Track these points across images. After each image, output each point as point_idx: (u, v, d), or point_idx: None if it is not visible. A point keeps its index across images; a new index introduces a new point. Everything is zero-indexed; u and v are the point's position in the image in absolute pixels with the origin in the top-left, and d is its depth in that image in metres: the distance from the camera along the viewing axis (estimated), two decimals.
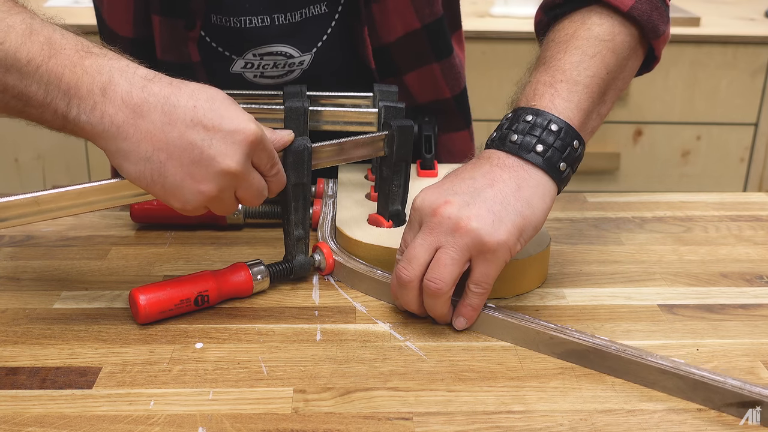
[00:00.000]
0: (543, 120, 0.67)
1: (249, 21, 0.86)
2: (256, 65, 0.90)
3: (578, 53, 0.71)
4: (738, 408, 0.57)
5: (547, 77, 0.71)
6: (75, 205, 0.64)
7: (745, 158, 2.10)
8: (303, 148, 0.71)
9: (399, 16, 0.90)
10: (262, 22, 0.87)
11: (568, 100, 0.69)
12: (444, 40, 0.95)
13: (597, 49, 0.72)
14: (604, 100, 0.73)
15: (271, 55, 0.89)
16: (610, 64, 0.72)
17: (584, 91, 0.70)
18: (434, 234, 0.64)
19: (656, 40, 0.76)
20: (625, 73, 0.76)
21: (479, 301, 0.66)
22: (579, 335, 0.63)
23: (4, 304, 0.71)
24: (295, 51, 0.89)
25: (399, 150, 0.77)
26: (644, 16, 0.73)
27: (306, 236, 0.74)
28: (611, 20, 0.73)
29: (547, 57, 0.73)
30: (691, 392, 0.59)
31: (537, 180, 0.66)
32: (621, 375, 0.61)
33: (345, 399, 0.58)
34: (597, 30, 0.73)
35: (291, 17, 0.87)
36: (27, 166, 2.04)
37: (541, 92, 0.70)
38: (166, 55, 0.88)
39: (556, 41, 0.74)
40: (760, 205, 0.96)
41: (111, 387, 0.59)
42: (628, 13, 0.73)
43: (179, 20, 0.86)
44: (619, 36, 0.73)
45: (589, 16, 0.74)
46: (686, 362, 0.60)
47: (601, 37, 0.72)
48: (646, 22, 0.74)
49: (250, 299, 0.72)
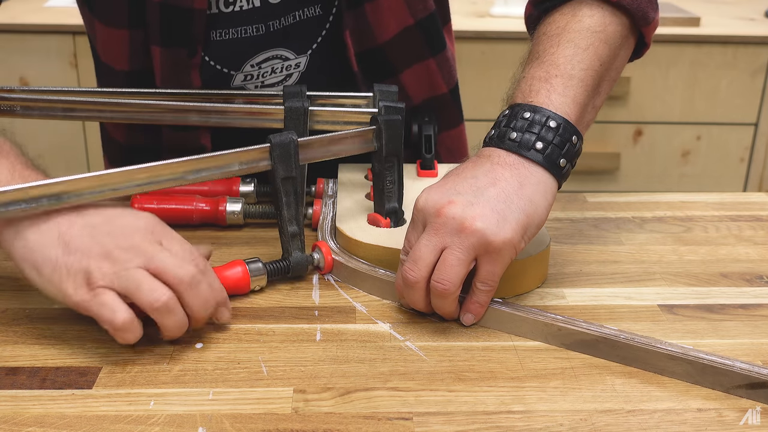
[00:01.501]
0: (541, 117, 0.67)
1: (245, 31, 0.87)
2: (256, 75, 0.90)
3: (571, 46, 0.71)
4: (747, 390, 0.59)
5: (542, 72, 0.70)
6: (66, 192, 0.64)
7: (745, 158, 2.10)
8: (289, 141, 0.71)
9: (392, 14, 0.90)
10: (257, 31, 0.87)
11: (563, 95, 0.69)
12: (438, 34, 0.95)
13: (589, 41, 0.72)
14: (598, 91, 0.73)
15: (268, 61, 0.89)
16: (603, 55, 0.72)
17: (579, 84, 0.70)
18: (439, 234, 0.64)
19: (646, 27, 0.76)
20: (617, 63, 0.76)
21: (486, 298, 0.67)
22: (587, 325, 0.64)
23: (4, 304, 0.71)
24: (290, 53, 0.89)
25: (388, 144, 0.78)
26: (634, 4, 0.73)
27: (301, 232, 0.74)
28: (602, 11, 0.73)
29: (540, 51, 0.73)
30: (699, 376, 0.60)
31: (538, 177, 0.66)
32: (630, 363, 0.62)
33: (345, 399, 0.58)
34: (588, 21, 0.73)
35: (285, 20, 0.88)
36: None
37: (537, 88, 0.70)
38: (166, 85, 0.88)
39: (548, 34, 0.74)
40: (760, 205, 0.96)
41: (111, 387, 0.59)
42: (618, 3, 0.73)
43: (181, 49, 0.86)
44: (610, 26, 0.73)
45: (579, 7, 0.74)
46: (694, 347, 0.62)
47: (593, 29, 0.72)
48: (636, 11, 0.74)
49: (250, 299, 0.72)
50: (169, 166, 0.68)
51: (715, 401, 0.59)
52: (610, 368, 0.63)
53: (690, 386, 0.61)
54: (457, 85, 1.01)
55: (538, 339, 0.66)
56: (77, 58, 1.97)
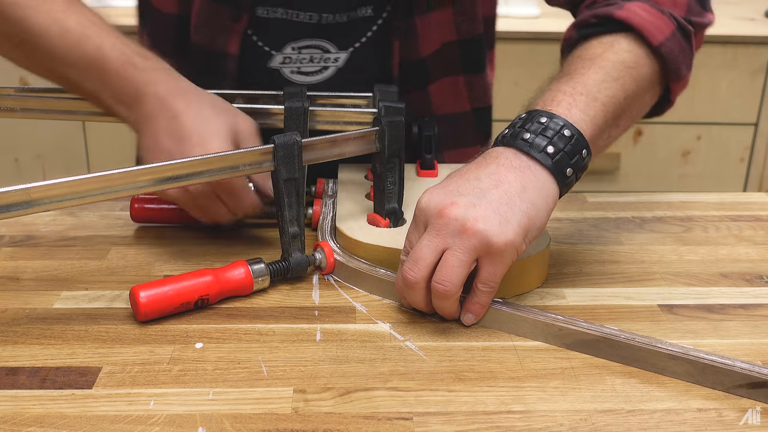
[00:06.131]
0: (556, 124, 0.68)
1: (296, 15, 0.88)
2: (294, 59, 0.90)
3: (602, 72, 0.72)
4: (747, 389, 0.59)
5: (568, 87, 0.71)
6: (66, 195, 0.65)
7: (745, 158, 2.10)
8: (293, 142, 0.71)
9: (440, 29, 0.92)
10: (310, 18, 0.88)
11: (584, 112, 0.70)
12: (478, 57, 0.97)
13: (621, 73, 0.73)
14: (617, 123, 0.74)
15: (309, 49, 0.89)
16: (630, 90, 0.73)
17: (601, 108, 0.71)
18: (441, 235, 0.64)
19: (676, 82, 0.77)
20: (640, 104, 0.77)
21: (487, 299, 0.67)
22: (588, 325, 0.64)
23: (4, 304, 0.71)
24: (332, 46, 0.90)
25: (391, 145, 0.78)
26: (671, 54, 0.75)
27: (301, 233, 0.74)
28: (639, 50, 0.75)
29: (571, 70, 0.74)
30: (700, 376, 0.60)
31: (542, 182, 0.67)
32: (631, 363, 0.63)
33: (345, 399, 0.58)
34: (624, 56, 0.74)
35: (339, 17, 0.88)
36: (27, 166, 2.04)
37: (559, 99, 0.70)
38: (198, 38, 0.89)
39: (582, 57, 0.75)
40: (760, 205, 0.96)
41: (111, 387, 0.59)
42: (657, 48, 0.74)
43: (224, 7, 0.86)
44: (643, 67, 0.74)
45: (618, 40, 0.75)
46: (694, 347, 0.62)
47: (627, 63, 0.74)
48: (671, 62, 0.75)
49: (250, 299, 0.72)
50: (171, 167, 0.68)
51: (715, 401, 0.59)
52: (610, 368, 0.63)
53: (690, 386, 0.61)
54: (485, 110, 1.02)
55: (538, 339, 0.66)
56: None
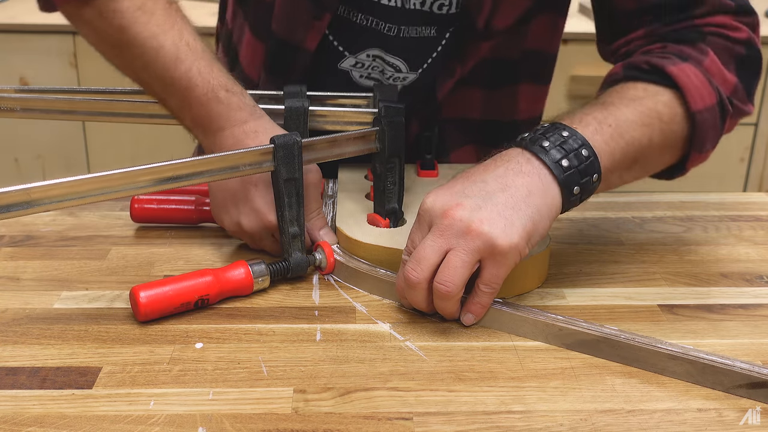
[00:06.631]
0: (576, 142, 0.68)
1: (376, 23, 0.88)
2: (366, 65, 0.91)
3: (635, 114, 0.73)
4: (747, 389, 0.59)
5: (599, 115, 0.72)
6: (66, 196, 0.65)
7: (745, 158, 2.10)
8: (293, 143, 0.71)
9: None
10: (389, 30, 0.88)
11: (607, 143, 0.70)
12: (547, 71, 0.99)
13: (652, 121, 0.73)
14: (631, 167, 0.74)
15: (383, 62, 0.90)
16: (655, 141, 0.74)
17: (623, 146, 0.71)
18: (445, 236, 0.64)
19: (697, 153, 0.77)
20: (658, 159, 0.77)
21: (488, 300, 0.67)
22: (588, 325, 0.64)
23: (4, 304, 0.71)
24: (404, 65, 0.91)
25: (391, 145, 0.78)
26: (704, 124, 0.75)
27: (301, 233, 0.74)
28: (677, 109, 0.75)
29: (607, 102, 0.74)
30: (700, 376, 0.60)
31: (549, 191, 0.67)
32: (631, 363, 0.63)
33: (345, 399, 0.58)
34: (661, 108, 0.74)
35: (414, 31, 0.89)
36: (27, 166, 2.04)
37: (587, 122, 0.71)
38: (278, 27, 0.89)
39: (622, 95, 0.75)
40: (760, 205, 0.96)
41: (111, 387, 0.59)
42: (694, 114, 0.75)
43: (308, 3, 0.87)
44: (675, 125, 0.75)
45: (661, 92, 0.75)
46: (694, 347, 0.62)
47: (661, 116, 0.74)
48: (701, 132, 0.76)
49: (250, 299, 0.72)
50: (172, 167, 0.68)
51: (715, 401, 0.59)
52: (610, 368, 0.63)
53: (690, 386, 0.61)
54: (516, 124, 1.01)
55: (538, 339, 0.66)
56: (77, 58, 1.97)
